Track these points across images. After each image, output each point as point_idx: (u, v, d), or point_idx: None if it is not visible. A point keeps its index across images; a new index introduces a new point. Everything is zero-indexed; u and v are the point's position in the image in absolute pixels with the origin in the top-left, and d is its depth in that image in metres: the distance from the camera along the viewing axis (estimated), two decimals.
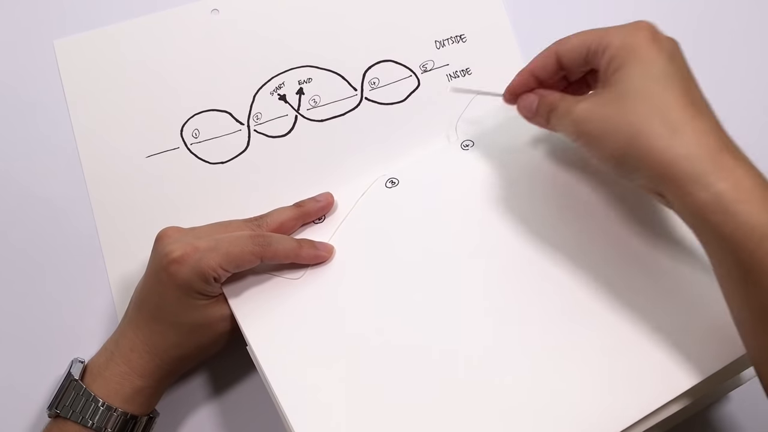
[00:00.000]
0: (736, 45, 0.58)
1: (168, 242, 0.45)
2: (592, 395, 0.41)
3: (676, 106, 0.38)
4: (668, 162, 0.37)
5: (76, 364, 0.46)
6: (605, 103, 0.40)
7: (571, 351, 0.43)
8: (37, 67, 0.58)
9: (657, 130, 0.38)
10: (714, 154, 0.36)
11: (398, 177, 0.51)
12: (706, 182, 0.36)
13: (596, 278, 0.45)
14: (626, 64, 0.40)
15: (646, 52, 0.40)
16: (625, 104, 0.39)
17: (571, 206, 0.48)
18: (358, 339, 0.44)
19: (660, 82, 0.39)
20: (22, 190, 0.55)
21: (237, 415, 0.50)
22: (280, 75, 0.57)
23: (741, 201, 0.35)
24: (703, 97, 0.40)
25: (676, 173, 0.37)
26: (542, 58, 0.45)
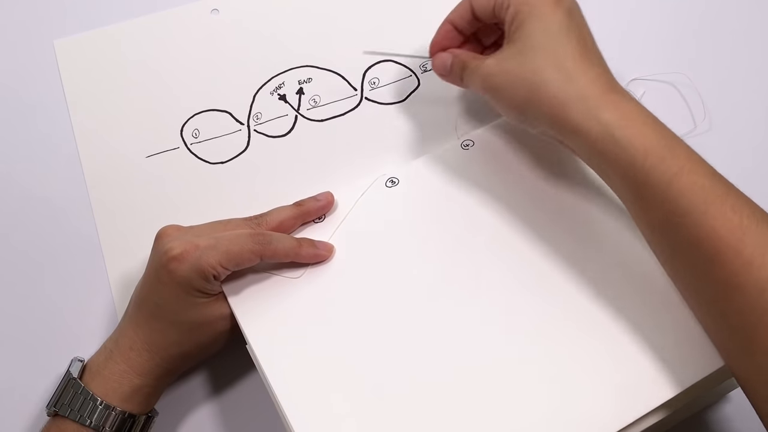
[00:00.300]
0: (738, 45, 0.58)
1: (168, 240, 0.45)
2: (582, 400, 0.41)
3: (570, 57, 0.42)
4: (563, 104, 0.41)
5: (76, 362, 0.46)
6: (508, 58, 0.44)
7: (566, 356, 0.43)
8: (37, 67, 0.58)
9: (553, 78, 0.41)
10: (602, 93, 0.40)
11: (398, 176, 0.51)
12: (595, 115, 0.40)
13: (591, 283, 0.45)
14: (527, 21, 0.43)
15: (544, 9, 0.43)
16: (525, 58, 0.43)
17: (570, 208, 0.48)
18: (358, 338, 0.44)
19: (557, 36, 0.42)
20: (22, 190, 0.55)
21: (237, 414, 0.50)
22: (280, 75, 0.57)
23: (625, 127, 0.39)
24: (596, 49, 0.44)
25: (569, 113, 0.40)
26: (459, 8, 0.49)
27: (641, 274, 0.44)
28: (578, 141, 0.41)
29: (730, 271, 0.36)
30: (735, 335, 0.37)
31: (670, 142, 0.39)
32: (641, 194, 0.39)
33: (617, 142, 0.39)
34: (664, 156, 0.38)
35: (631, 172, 0.39)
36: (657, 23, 0.59)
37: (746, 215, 0.36)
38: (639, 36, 0.58)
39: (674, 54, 0.57)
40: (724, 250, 0.36)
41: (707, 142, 0.55)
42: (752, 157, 0.55)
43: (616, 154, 0.39)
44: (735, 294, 0.36)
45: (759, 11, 0.59)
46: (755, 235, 0.36)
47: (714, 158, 0.54)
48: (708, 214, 0.37)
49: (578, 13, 0.44)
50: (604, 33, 0.58)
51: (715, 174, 0.39)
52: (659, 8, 0.59)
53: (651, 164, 0.38)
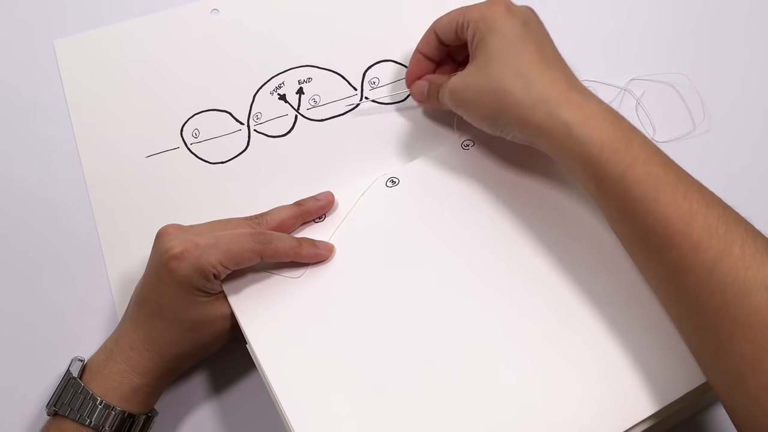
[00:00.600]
0: (737, 45, 0.58)
1: (168, 239, 0.45)
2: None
3: (529, 63, 0.44)
4: (526, 108, 0.43)
5: (76, 362, 0.46)
6: (472, 73, 0.46)
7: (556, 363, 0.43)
8: (37, 66, 0.58)
9: (515, 85, 0.43)
10: (562, 93, 0.42)
11: (398, 176, 0.51)
12: (556, 115, 0.42)
13: (585, 289, 0.45)
14: (486, 36, 0.46)
15: (502, 22, 0.46)
16: (488, 70, 0.45)
17: (567, 210, 0.48)
18: (358, 337, 0.44)
19: (515, 45, 0.45)
20: (22, 190, 0.55)
21: (237, 414, 0.50)
22: (280, 75, 0.57)
23: (584, 123, 0.41)
24: (555, 52, 0.46)
25: (533, 116, 0.43)
26: (424, 37, 0.52)
27: (633, 282, 0.44)
28: (544, 141, 0.43)
29: (679, 253, 0.38)
30: (687, 314, 0.39)
31: (626, 135, 0.41)
32: (601, 187, 0.41)
33: (577, 138, 0.41)
34: (619, 148, 0.40)
35: (590, 165, 0.41)
36: (655, 23, 0.59)
37: (695, 200, 0.38)
38: (638, 36, 0.58)
39: (673, 54, 0.57)
40: (674, 234, 0.38)
41: (706, 142, 0.55)
42: (751, 157, 0.55)
43: (576, 150, 0.41)
44: (685, 275, 0.38)
45: (758, 11, 0.59)
46: (704, 219, 0.38)
47: (713, 158, 0.55)
48: (659, 201, 0.39)
49: (534, 21, 0.47)
50: (603, 34, 0.59)
51: (668, 163, 0.40)
52: (657, 8, 0.59)
53: (607, 157, 0.40)
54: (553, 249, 0.46)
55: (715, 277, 0.37)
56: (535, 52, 0.44)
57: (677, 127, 0.56)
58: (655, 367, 0.42)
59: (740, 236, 0.37)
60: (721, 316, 0.36)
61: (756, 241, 0.37)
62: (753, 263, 0.36)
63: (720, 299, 0.36)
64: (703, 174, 0.54)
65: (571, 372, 0.42)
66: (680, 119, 0.56)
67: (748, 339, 0.35)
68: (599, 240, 0.46)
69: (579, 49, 0.58)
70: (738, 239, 0.37)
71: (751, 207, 0.54)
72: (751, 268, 0.36)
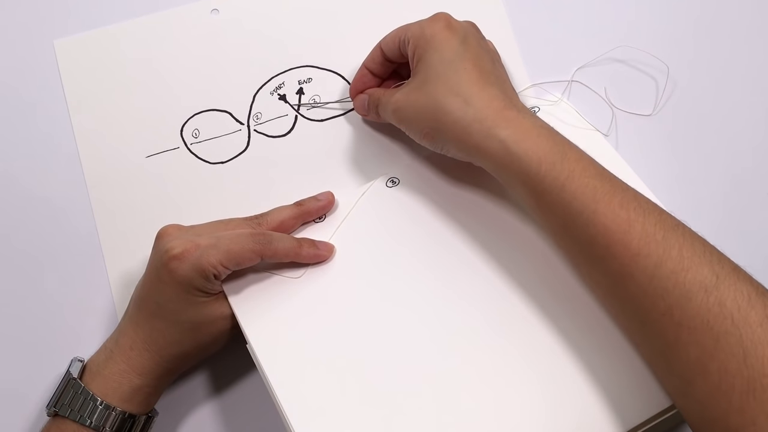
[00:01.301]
0: (736, 46, 0.58)
1: (168, 239, 0.45)
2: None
3: (466, 82, 0.44)
4: (464, 127, 0.43)
5: (75, 362, 0.46)
6: (413, 90, 0.47)
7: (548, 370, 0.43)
8: (37, 66, 0.58)
9: (452, 104, 0.44)
10: (498, 112, 0.43)
11: (399, 176, 0.51)
12: (493, 134, 0.42)
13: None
14: (425, 53, 0.46)
15: (440, 40, 0.46)
16: (427, 88, 0.45)
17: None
18: (358, 338, 0.44)
19: (453, 63, 0.45)
20: (22, 190, 0.55)
21: (237, 414, 0.50)
22: (280, 75, 0.57)
23: (520, 141, 0.41)
24: (495, 69, 0.46)
25: (470, 135, 0.43)
26: (372, 53, 0.52)
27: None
28: (482, 159, 0.43)
29: (621, 262, 0.38)
30: (634, 321, 0.39)
31: (562, 149, 0.41)
32: (540, 201, 0.41)
33: (514, 155, 0.41)
34: (555, 162, 0.41)
35: (529, 181, 0.41)
36: (655, 22, 0.59)
37: (632, 209, 0.39)
38: (638, 35, 0.58)
39: (673, 53, 0.57)
40: (614, 244, 0.38)
41: (706, 141, 0.55)
42: (752, 157, 0.55)
43: (515, 167, 0.42)
44: (628, 283, 0.38)
45: (758, 10, 0.59)
46: (641, 226, 0.38)
47: (713, 157, 0.55)
48: (598, 212, 0.39)
49: (473, 37, 0.47)
50: (603, 34, 0.59)
51: (604, 174, 0.41)
52: (657, 8, 0.59)
53: (545, 171, 0.41)
54: (549, 250, 0.46)
55: (657, 282, 0.37)
56: (473, 70, 0.45)
57: (679, 128, 0.56)
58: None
59: (677, 240, 0.37)
60: (666, 321, 0.37)
61: (694, 244, 0.38)
62: (692, 266, 0.37)
63: (663, 304, 0.37)
64: (702, 174, 0.54)
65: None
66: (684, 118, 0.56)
67: (694, 342, 0.36)
68: None
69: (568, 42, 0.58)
70: (676, 244, 0.37)
71: (750, 207, 0.54)
72: (690, 270, 0.36)
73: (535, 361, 0.43)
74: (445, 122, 0.44)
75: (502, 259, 0.47)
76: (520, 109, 0.44)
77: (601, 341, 0.43)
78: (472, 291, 0.46)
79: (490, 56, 0.47)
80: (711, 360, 0.35)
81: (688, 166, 0.55)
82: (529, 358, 0.43)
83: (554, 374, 0.42)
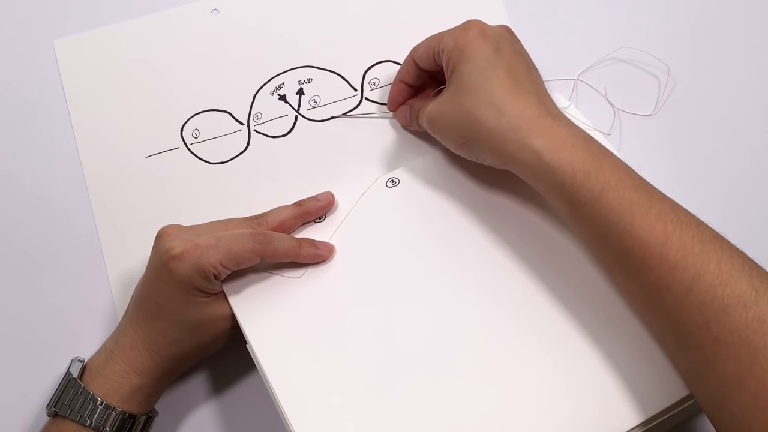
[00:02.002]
0: (736, 46, 0.58)
1: (168, 239, 0.45)
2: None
3: (500, 91, 0.44)
4: (498, 138, 0.43)
5: (75, 363, 0.46)
6: (447, 100, 0.47)
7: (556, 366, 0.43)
8: (37, 66, 0.58)
9: (486, 114, 0.43)
10: (532, 121, 0.42)
11: (399, 177, 0.51)
12: (527, 144, 0.42)
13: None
14: (459, 63, 0.46)
15: (473, 49, 0.45)
16: (460, 98, 0.45)
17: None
18: (358, 338, 0.44)
19: (485, 73, 0.45)
20: (22, 190, 0.55)
21: (237, 414, 0.50)
22: (280, 75, 0.57)
23: (555, 151, 0.41)
24: (530, 75, 0.46)
25: (505, 145, 0.43)
26: (404, 65, 0.52)
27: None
28: (517, 169, 0.43)
29: (657, 275, 0.38)
30: (669, 334, 0.39)
31: (597, 159, 0.41)
32: (575, 212, 0.41)
33: (548, 165, 0.41)
34: (590, 173, 0.40)
35: (563, 192, 0.41)
36: (655, 22, 0.59)
37: (670, 221, 0.38)
38: (637, 34, 0.58)
39: (673, 52, 0.57)
40: (650, 256, 0.38)
41: (707, 141, 0.55)
42: (752, 157, 0.55)
43: (549, 178, 0.41)
44: (664, 295, 0.38)
45: (758, 11, 0.59)
46: (679, 239, 0.38)
47: (713, 157, 0.55)
48: (634, 224, 0.39)
49: (507, 43, 0.46)
50: (603, 34, 0.59)
51: (640, 184, 0.40)
52: (657, 7, 0.59)
53: (579, 182, 0.40)
54: (550, 249, 0.46)
55: (694, 296, 0.37)
56: (506, 77, 0.44)
57: (680, 127, 0.56)
58: (639, 379, 0.42)
59: (716, 254, 0.37)
60: (703, 335, 0.36)
61: (732, 257, 0.37)
62: (731, 279, 0.36)
63: (700, 318, 0.36)
64: (702, 173, 0.54)
65: (554, 383, 0.42)
66: (681, 116, 0.56)
67: (731, 357, 0.35)
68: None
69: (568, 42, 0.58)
70: (714, 257, 0.37)
71: (751, 207, 0.54)
72: (729, 284, 0.36)
73: (545, 354, 0.43)
74: (479, 132, 0.44)
75: (503, 257, 0.47)
76: (555, 116, 0.43)
77: (618, 329, 0.43)
78: (472, 290, 0.45)
79: (525, 61, 0.47)
80: (748, 375, 0.35)
81: (689, 166, 0.55)
82: (539, 352, 0.43)
83: (570, 364, 0.42)
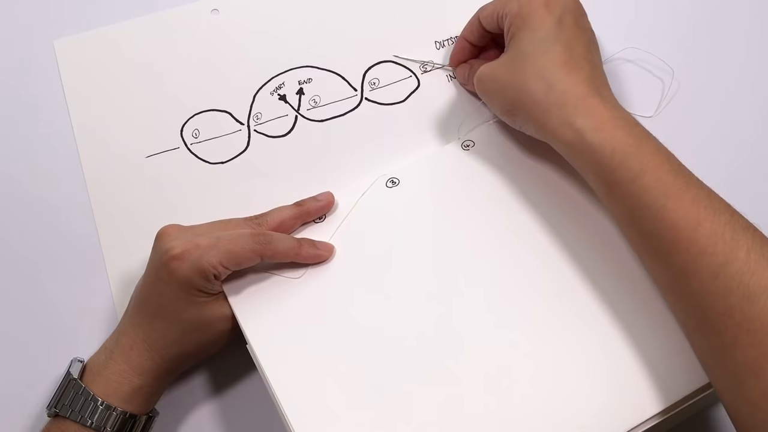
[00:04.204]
0: (738, 47, 0.58)
1: (168, 239, 0.45)
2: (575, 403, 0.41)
3: (552, 66, 0.44)
4: (543, 112, 0.44)
5: (76, 363, 0.46)
6: (501, 65, 0.47)
7: (566, 355, 0.43)
8: (37, 67, 0.58)
9: (536, 87, 0.44)
10: (580, 100, 0.43)
11: (399, 177, 0.51)
12: (571, 122, 0.42)
13: (593, 283, 0.45)
14: (519, 30, 0.46)
15: (535, 19, 0.46)
16: (514, 66, 0.46)
17: (571, 209, 0.48)
18: (358, 338, 0.44)
19: (542, 45, 0.45)
20: (21, 190, 0.55)
21: (237, 414, 0.50)
22: (280, 75, 0.57)
23: (597, 130, 0.42)
24: (587, 52, 0.46)
25: (549, 120, 0.43)
26: (469, 23, 0.53)
27: (642, 279, 0.44)
28: (557, 144, 0.44)
29: (685, 258, 0.39)
30: (692, 318, 0.40)
31: (638, 141, 0.41)
32: (610, 191, 0.42)
33: (588, 144, 0.42)
34: (630, 154, 0.41)
35: (601, 171, 0.42)
36: (655, 21, 0.59)
37: (704, 207, 0.39)
38: (637, 33, 0.58)
39: (675, 55, 0.57)
40: (680, 240, 0.39)
41: (707, 142, 0.55)
42: (753, 159, 0.55)
43: (588, 156, 0.42)
44: (691, 279, 0.39)
45: (761, 13, 0.59)
46: (710, 225, 0.38)
47: (713, 160, 0.55)
48: (667, 207, 0.39)
49: (571, 17, 0.46)
50: (604, 35, 0.58)
51: (678, 169, 0.41)
52: (657, 7, 0.59)
53: (617, 163, 0.41)
54: (554, 248, 0.46)
55: (720, 282, 0.37)
56: (563, 52, 0.44)
57: (682, 124, 0.56)
58: (663, 365, 0.42)
59: (746, 243, 0.38)
60: (726, 321, 0.37)
61: (763, 248, 0.37)
62: (758, 269, 0.37)
63: (724, 304, 0.37)
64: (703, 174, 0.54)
65: (577, 369, 0.42)
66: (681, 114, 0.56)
67: (751, 344, 0.36)
68: (603, 239, 0.46)
69: None
70: (744, 245, 0.37)
71: (751, 208, 0.54)
72: (756, 274, 0.36)
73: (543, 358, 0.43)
74: (525, 103, 0.45)
75: (502, 258, 0.46)
76: (604, 96, 0.44)
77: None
78: (472, 290, 0.45)
79: (586, 37, 0.47)
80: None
81: (689, 166, 0.55)
82: (536, 353, 0.43)
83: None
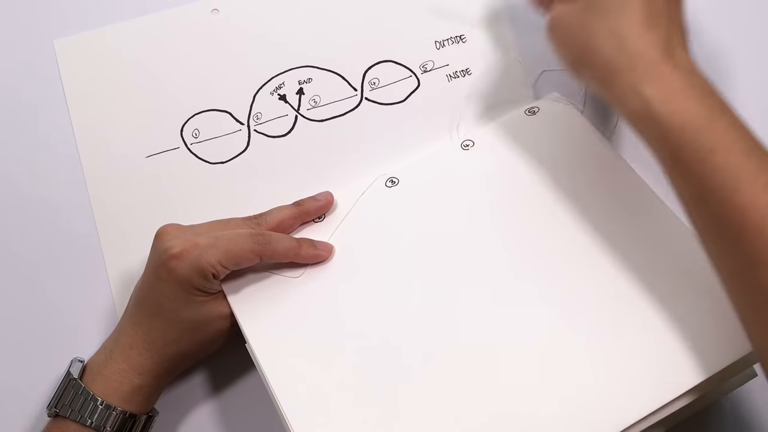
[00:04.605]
0: (738, 48, 0.58)
1: (167, 239, 0.45)
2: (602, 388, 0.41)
3: (627, 23, 0.40)
4: (611, 72, 0.40)
5: (75, 363, 0.46)
6: (573, 13, 0.43)
7: (576, 347, 0.43)
8: (37, 67, 0.58)
9: (606, 44, 0.41)
10: (651, 65, 0.39)
11: (398, 176, 0.51)
12: (639, 90, 0.39)
13: (594, 284, 0.45)
14: None
15: None
16: (586, 17, 0.42)
17: (571, 207, 0.48)
18: (357, 338, 0.44)
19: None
20: (21, 190, 0.55)
21: (236, 413, 0.50)
22: (280, 75, 0.57)
23: (666, 102, 0.38)
24: (670, 10, 0.41)
25: (615, 83, 0.40)
26: None
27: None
28: (621, 110, 0.41)
29: (753, 248, 0.36)
30: (755, 310, 0.37)
31: (712, 115, 0.38)
32: (676, 167, 0.39)
33: (656, 115, 0.39)
34: (701, 131, 0.38)
35: (667, 145, 0.39)
36: None
37: None
38: None
39: None
40: (748, 228, 0.36)
41: None
42: None
43: (654, 128, 0.39)
44: (757, 270, 0.36)
45: (761, 13, 0.59)
46: None
47: None
48: (737, 191, 0.36)
49: None
50: None
51: (753, 149, 0.38)
52: None
53: (686, 140, 0.38)
54: (556, 245, 0.46)
55: None
56: (641, 8, 0.40)
57: None
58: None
59: None
60: None
61: None
62: None
63: None
64: None
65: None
66: None
67: None
68: (603, 239, 0.46)
69: None
70: None
71: None
72: None
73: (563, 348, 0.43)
74: (592, 60, 0.41)
75: (501, 258, 0.46)
76: (679, 62, 0.40)
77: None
78: (471, 289, 0.45)
79: None
80: None
81: None
82: (541, 351, 0.43)
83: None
